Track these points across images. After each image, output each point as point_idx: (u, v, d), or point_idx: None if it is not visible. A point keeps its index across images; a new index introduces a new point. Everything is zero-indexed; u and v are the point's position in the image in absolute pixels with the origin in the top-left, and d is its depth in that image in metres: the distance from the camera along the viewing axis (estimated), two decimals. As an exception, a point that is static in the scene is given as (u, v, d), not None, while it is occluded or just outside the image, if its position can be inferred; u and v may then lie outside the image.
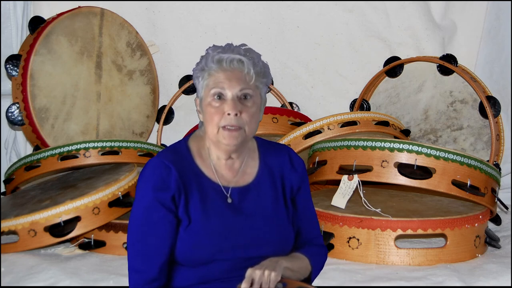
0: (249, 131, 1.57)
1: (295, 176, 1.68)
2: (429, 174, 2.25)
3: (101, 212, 2.38)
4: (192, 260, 1.54)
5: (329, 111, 3.22)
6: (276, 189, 1.64)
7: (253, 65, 1.57)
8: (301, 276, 1.63)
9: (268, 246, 1.59)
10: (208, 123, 1.57)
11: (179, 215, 1.53)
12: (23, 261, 2.27)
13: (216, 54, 1.57)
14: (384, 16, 3.43)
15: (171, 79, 3.41)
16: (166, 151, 1.59)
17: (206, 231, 1.53)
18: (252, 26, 3.40)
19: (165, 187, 1.52)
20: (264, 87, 1.63)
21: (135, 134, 3.22)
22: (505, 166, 3.23)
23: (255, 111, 1.58)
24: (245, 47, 1.61)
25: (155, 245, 1.52)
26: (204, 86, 1.57)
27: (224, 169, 1.61)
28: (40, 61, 2.84)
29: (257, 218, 1.59)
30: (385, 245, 2.24)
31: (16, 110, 2.84)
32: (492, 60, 3.34)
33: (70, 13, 2.96)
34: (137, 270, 1.53)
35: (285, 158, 1.68)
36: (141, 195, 1.54)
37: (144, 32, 3.30)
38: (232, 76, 1.55)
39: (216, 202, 1.57)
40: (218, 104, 1.54)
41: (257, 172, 1.64)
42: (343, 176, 2.36)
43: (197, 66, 1.61)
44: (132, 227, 1.55)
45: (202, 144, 1.62)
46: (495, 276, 2.13)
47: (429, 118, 3.28)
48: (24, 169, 2.70)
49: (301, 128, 2.72)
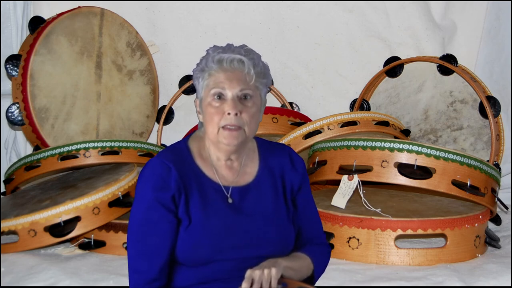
0: (249, 132, 1.57)
1: (296, 176, 1.68)
2: (429, 174, 2.25)
3: (101, 212, 2.38)
4: (192, 260, 1.54)
5: (329, 111, 3.22)
6: (277, 189, 1.64)
7: (254, 65, 1.57)
8: (303, 275, 1.62)
9: (268, 246, 1.59)
10: (208, 123, 1.57)
11: (179, 215, 1.53)
12: (23, 261, 2.27)
13: (217, 54, 1.57)
14: (384, 16, 3.43)
15: (171, 79, 3.41)
16: (166, 151, 1.59)
17: (207, 231, 1.53)
18: (252, 26, 3.40)
19: (165, 187, 1.52)
20: (264, 88, 1.63)
21: (135, 134, 3.22)
22: (505, 166, 3.23)
23: (255, 111, 1.58)
24: (246, 48, 1.61)
25: (155, 245, 1.52)
26: (204, 86, 1.57)
27: (224, 169, 1.61)
28: (40, 61, 2.84)
29: (257, 217, 1.59)
30: (385, 245, 2.24)
31: (16, 110, 2.84)
32: (492, 60, 3.34)
33: (70, 13, 2.96)
34: (137, 270, 1.53)
35: (285, 158, 1.68)
36: (141, 195, 1.54)
37: (144, 32, 3.30)
38: (233, 76, 1.55)
39: (217, 202, 1.57)
40: (218, 104, 1.55)
41: (257, 172, 1.64)
42: (343, 176, 2.36)
43: (197, 67, 1.61)
44: (132, 227, 1.55)
45: (202, 145, 1.62)
46: (495, 276, 2.13)
47: (429, 118, 3.28)
48: (24, 169, 2.70)
49: (301, 128, 2.72)
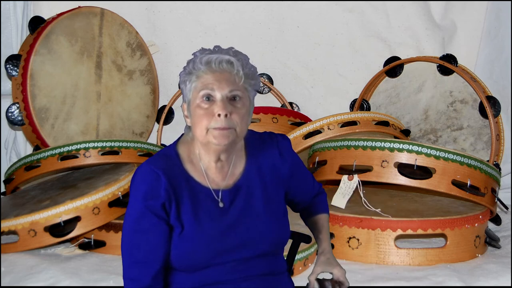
0: (240, 131, 1.55)
1: (284, 164, 1.67)
2: (429, 174, 2.25)
3: (101, 212, 2.38)
4: (188, 266, 1.54)
5: (329, 111, 3.22)
6: (266, 185, 1.63)
7: (242, 66, 1.55)
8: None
9: (263, 243, 1.59)
10: (196, 125, 1.54)
11: (171, 222, 1.52)
12: (23, 261, 2.27)
13: (205, 55, 1.55)
14: (384, 16, 3.43)
15: (171, 79, 3.42)
16: (155, 158, 1.58)
17: (200, 236, 1.52)
18: (252, 26, 3.40)
19: (155, 195, 1.50)
20: (253, 91, 1.61)
21: (135, 134, 3.22)
22: (505, 166, 3.23)
23: (245, 112, 1.56)
24: (234, 50, 1.60)
25: (148, 253, 1.52)
26: (192, 89, 1.55)
27: (214, 172, 1.59)
28: (40, 61, 2.84)
29: (249, 217, 1.58)
30: (385, 245, 2.24)
31: (16, 110, 2.84)
32: (492, 60, 3.34)
33: (70, 13, 2.96)
34: (131, 278, 1.53)
35: (274, 150, 1.66)
36: (132, 202, 1.53)
37: (144, 32, 3.30)
38: (221, 77, 1.53)
39: (208, 207, 1.56)
40: (207, 106, 1.52)
41: (244, 171, 1.62)
42: (343, 176, 2.36)
43: (184, 70, 1.58)
44: (125, 236, 1.54)
45: (192, 149, 1.61)
46: (495, 276, 2.13)
47: (429, 118, 3.28)
48: (24, 169, 2.70)
49: (301, 128, 2.72)
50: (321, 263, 1.67)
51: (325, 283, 1.61)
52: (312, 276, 1.64)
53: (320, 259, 1.68)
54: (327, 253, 1.69)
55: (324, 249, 1.71)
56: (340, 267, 1.65)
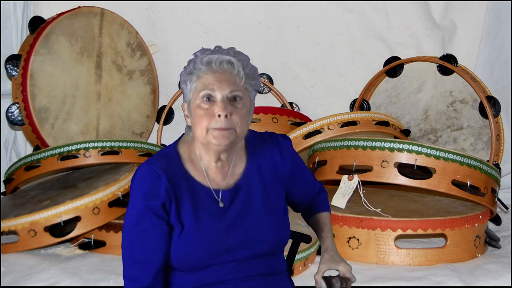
0: (240, 132, 1.55)
1: (285, 164, 1.67)
2: (429, 174, 2.25)
3: (101, 212, 2.38)
4: (188, 266, 1.54)
5: (329, 111, 3.22)
6: (266, 185, 1.63)
7: (243, 66, 1.55)
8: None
9: (264, 243, 1.59)
10: (196, 125, 1.55)
11: (171, 222, 1.52)
12: (23, 261, 2.27)
13: (205, 56, 1.55)
14: (384, 16, 3.43)
15: (171, 79, 3.42)
16: (156, 157, 1.58)
17: (200, 237, 1.52)
18: (252, 26, 3.40)
19: (155, 195, 1.50)
20: (253, 91, 1.61)
21: (135, 134, 3.22)
22: (505, 166, 3.23)
23: (245, 113, 1.56)
24: (234, 50, 1.60)
25: (148, 253, 1.52)
26: (193, 89, 1.55)
27: (214, 172, 1.59)
28: (40, 61, 2.84)
29: (249, 217, 1.58)
30: (385, 245, 2.24)
31: (16, 110, 2.84)
32: (492, 60, 3.34)
33: (70, 13, 2.96)
34: (131, 278, 1.54)
35: (275, 151, 1.66)
36: (132, 202, 1.53)
37: (144, 32, 3.30)
38: (222, 77, 1.53)
39: (208, 207, 1.56)
40: (208, 106, 1.52)
41: (244, 171, 1.62)
42: (343, 176, 2.36)
43: (185, 70, 1.58)
44: (125, 235, 1.55)
45: (192, 149, 1.61)
46: (495, 276, 2.14)
47: (429, 118, 3.28)
48: (24, 169, 2.70)
49: (301, 128, 2.72)
50: (326, 260, 1.66)
51: (332, 280, 1.60)
52: (318, 275, 1.63)
53: (324, 257, 1.67)
54: (331, 251, 1.69)
55: (327, 247, 1.70)
56: (345, 263, 1.64)
